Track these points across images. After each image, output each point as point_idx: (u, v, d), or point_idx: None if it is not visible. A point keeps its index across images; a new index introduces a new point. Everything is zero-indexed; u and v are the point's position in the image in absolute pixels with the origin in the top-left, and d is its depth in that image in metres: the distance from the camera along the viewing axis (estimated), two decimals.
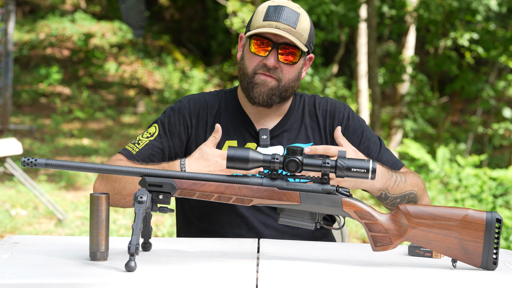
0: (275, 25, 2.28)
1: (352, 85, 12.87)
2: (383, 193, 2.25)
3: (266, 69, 2.31)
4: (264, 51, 2.30)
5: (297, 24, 2.30)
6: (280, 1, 2.34)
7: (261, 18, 2.31)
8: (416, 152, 6.70)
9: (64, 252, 1.99)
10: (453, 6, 8.98)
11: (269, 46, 2.29)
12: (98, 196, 1.91)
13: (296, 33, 2.29)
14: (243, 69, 2.36)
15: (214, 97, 2.46)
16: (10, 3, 10.24)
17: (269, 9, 2.31)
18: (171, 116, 2.42)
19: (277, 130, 2.43)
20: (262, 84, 2.32)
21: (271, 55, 2.29)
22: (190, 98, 2.46)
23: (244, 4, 10.52)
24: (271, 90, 2.33)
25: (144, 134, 2.41)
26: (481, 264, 1.92)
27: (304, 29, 2.32)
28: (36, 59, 13.94)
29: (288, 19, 2.29)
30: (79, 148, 9.97)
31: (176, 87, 13.71)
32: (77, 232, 6.16)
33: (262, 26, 2.29)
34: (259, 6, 2.37)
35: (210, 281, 1.79)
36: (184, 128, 2.41)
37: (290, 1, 2.36)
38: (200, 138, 2.41)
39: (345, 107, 2.48)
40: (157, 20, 16.04)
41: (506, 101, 11.79)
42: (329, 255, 2.09)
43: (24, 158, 1.88)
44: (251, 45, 2.32)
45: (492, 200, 5.85)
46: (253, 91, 2.33)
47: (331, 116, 2.45)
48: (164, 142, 2.39)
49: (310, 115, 2.46)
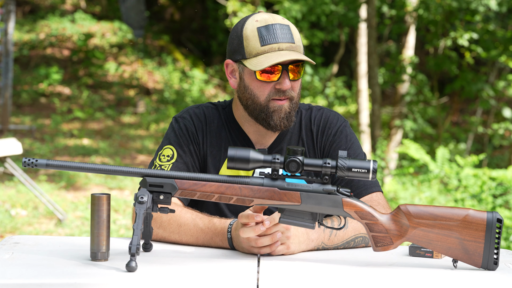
0: (277, 47, 2.21)
1: (352, 85, 12.87)
2: (320, 247, 2.15)
3: (281, 93, 2.24)
4: (274, 76, 2.23)
5: (293, 37, 2.24)
6: (265, 19, 2.25)
7: (257, 43, 2.21)
8: (415, 152, 6.70)
9: (65, 252, 1.99)
10: (452, 6, 8.97)
11: (279, 69, 2.22)
12: (99, 197, 1.91)
13: (297, 47, 2.24)
14: (252, 98, 2.27)
15: (214, 111, 2.40)
16: (10, 3, 10.23)
17: (261, 31, 2.22)
18: (181, 136, 2.34)
19: (275, 148, 2.37)
20: (278, 110, 2.25)
21: (283, 78, 2.22)
22: (191, 114, 2.38)
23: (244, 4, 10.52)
24: (289, 112, 2.27)
25: (161, 158, 2.32)
26: (482, 264, 1.92)
27: (299, 39, 2.27)
28: (36, 59, 13.93)
29: (284, 36, 2.22)
30: (79, 148, 9.97)
31: (176, 87, 13.71)
32: (77, 232, 6.16)
33: (263, 52, 2.21)
34: (244, 29, 2.25)
35: (210, 281, 1.79)
36: (195, 145, 2.35)
37: (273, 14, 2.28)
38: (205, 152, 2.36)
39: (338, 122, 2.40)
40: (157, 20, 16.04)
41: (506, 101, 11.79)
42: (329, 255, 2.09)
43: (25, 159, 1.88)
44: (257, 74, 2.23)
45: (492, 200, 5.85)
46: (273, 119, 2.26)
47: (322, 131, 2.39)
48: (187, 161, 2.32)
49: (306, 131, 2.40)
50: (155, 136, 11.34)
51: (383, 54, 13.40)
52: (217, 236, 2.13)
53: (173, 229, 2.18)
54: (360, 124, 9.46)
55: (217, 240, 2.13)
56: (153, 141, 10.99)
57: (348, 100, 13.06)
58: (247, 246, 2.04)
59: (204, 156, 2.36)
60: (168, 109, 12.54)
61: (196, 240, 2.16)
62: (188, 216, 2.18)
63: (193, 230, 2.16)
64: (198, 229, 2.15)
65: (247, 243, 2.04)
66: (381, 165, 8.27)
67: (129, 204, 7.16)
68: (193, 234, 2.15)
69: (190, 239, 2.16)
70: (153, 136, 11.32)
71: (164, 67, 14.40)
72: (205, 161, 2.36)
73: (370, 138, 9.39)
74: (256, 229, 1.99)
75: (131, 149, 10.39)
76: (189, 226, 2.16)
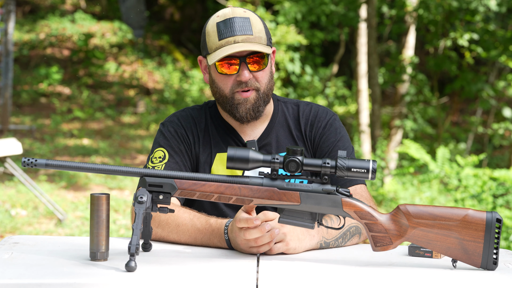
0: (232, 40, 2.25)
1: (352, 85, 12.86)
2: (322, 243, 2.16)
3: (243, 85, 2.29)
4: (233, 69, 2.28)
5: (252, 29, 2.27)
6: (225, 13, 2.29)
7: (216, 38, 2.27)
8: (415, 152, 6.70)
9: (64, 252, 1.99)
10: (452, 6, 8.97)
11: (236, 62, 2.27)
12: (99, 197, 1.91)
13: (255, 38, 2.27)
14: (219, 92, 2.33)
15: (199, 112, 2.44)
16: (10, 3, 10.23)
17: (219, 26, 2.27)
18: (171, 138, 2.38)
19: (264, 140, 2.40)
20: (243, 102, 2.30)
21: (242, 70, 2.27)
22: (178, 117, 2.43)
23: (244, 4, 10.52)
24: (254, 103, 2.31)
25: (153, 160, 2.36)
26: (481, 264, 1.92)
27: (260, 30, 2.29)
28: (36, 59, 13.93)
29: (241, 29, 2.26)
30: (79, 148, 9.97)
31: (176, 87, 13.71)
32: (77, 232, 6.16)
33: (220, 46, 2.26)
34: (207, 26, 2.32)
35: (210, 281, 1.79)
36: (185, 145, 2.38)
37: (235, 8, 2.31)
38: (196, 153, 2.39)
39: (327, 115, 2.43)
40: (157, 20, 16.04)
41: (506, 101, 11.79)
42: (329, 255, 2.09)
43: (25, 159, 1.88)
44: (217, 67, 2.29)
45: (492, 200, 5.84)
46: (239, 111, 2.31)
47: (312, 124, 2.42)
48: (178, 160, 2.35)
49: (294, 124, 2.43)
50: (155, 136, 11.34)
51: (383, 54, 13.40)
52: (215, 237, 2.13)
53: (171, 228, 2.19)
54: (360, 124, 9.46)
55: (215, 240, 2.13)
56: (153, 141, 10.99)
57: (348, 100, 13.06)
58: (246, 247, 2.04)
59: (196, 156, 2.38)
60: (168, 109, 12.54)
61: (194, 240, 2.16)
62: (186, 216, 2.19)
63: (191, 230, 2.16)
64: (195, 229, 2.16)
65: (245, 244, 2.03)
66: (381, 165, 8.27)
67: (129, 204, 7.16)
68: (191, 234, 2.16)
69: (189, 239, 2.17)
70: (153, 136, 11.32)
71: (164, 67, 14.40)
72: (197, 160, 2.38)
73: (370, 138, 9.39)
74: (262, 228, 1.99)
75: (131, 149, 10.39)
76: (187, 226, 2.17)
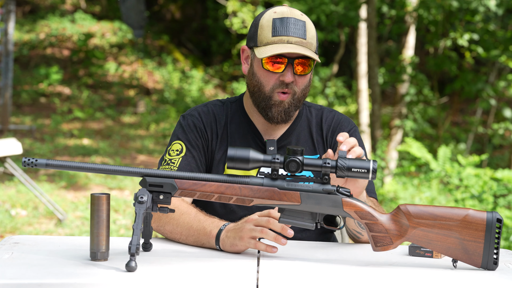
0: (286, 40, 2.25)
1: (352, 85, 12.86)
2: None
3: (284, 86, 2.29)
4: (278, 67, 2.28)
5: (306, 33, 2.27)
6: (283, 11, 2.29)
7: (269, 33, 2.26)
8: (417, 151, 6.69)
9: (64, 252, 1.99)
10: (453, 6, 8.97)
11: (284, 62, 2.27)
12: (99, 196, 1.91)
13: (307, 43, 2.27)
14: (258, 86, 2.32)
15: (221, 108, 2.44)
16: (10, 3, 10.23)
17: (275, 22, 2.27)
18: (190, 132, 2.38)
19: (284, 140, 2.41)
20: (279, 104, 2.30)
21: (287, 71, 2.27)
22: (200, 112, 2.42)
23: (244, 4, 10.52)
24: (288, 107, 2.32)
25: (170, 152, 2.36)
26: (481, 264, 1.92)
27: (313, 36, 2.30)
28: (36, 59, 13.93)
29: (297, 31, 2.26)
30: (79, 148, 9.97)
31: (176, 87, 13.71)
32: (77, 232, 6.16)
33: (272, 42, 2.25)
34: (261, 19, 2.31)
35: (210, 281, 1.79)
36: (203, 140, 2.38)
37: (292, 9, 2.31)
38: (214, 150, 2.39)
39: (349, 124, 2.46)
40: (157, 20, 16.04)
41: (506, 101, 11.79)
42: (329, 255, 2.09)
43: (25, 159, 1.88)
44: (263, 63, 2.28)
45: (493, 200, 5.84)
46: (271, 112, 2.32)
47: (333, 131, 2.44)
48: (195, 155, 2.35)
49: (316, 128, 2.45)
50: (155, 136, 11.34)
51: (383, 54, 13.39)
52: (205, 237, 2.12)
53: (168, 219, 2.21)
54: (360, 124, 9.46)
55: (203, 240, 2.13)
56: (153, 141, 10.99)
57: (348, 100, 13.06)
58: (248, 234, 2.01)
59: (212, 153, 2.39)
60: (168, 109, 12.54)
61: (186, 239, 2.17)
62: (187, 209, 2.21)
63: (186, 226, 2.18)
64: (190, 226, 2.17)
65: (250, 231, 2.02)
66: (381, 165, 8.27)
67: (129, 204, 7.16)
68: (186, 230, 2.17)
69: (183, 231, 2.17)
70: (153, 136, 11.32)
71: (164, 67, 14.40)
72: (212, 157, 2.38)
73: (370, 138, 9.38)
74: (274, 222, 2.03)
75: (131, 149, 10.39)
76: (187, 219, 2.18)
